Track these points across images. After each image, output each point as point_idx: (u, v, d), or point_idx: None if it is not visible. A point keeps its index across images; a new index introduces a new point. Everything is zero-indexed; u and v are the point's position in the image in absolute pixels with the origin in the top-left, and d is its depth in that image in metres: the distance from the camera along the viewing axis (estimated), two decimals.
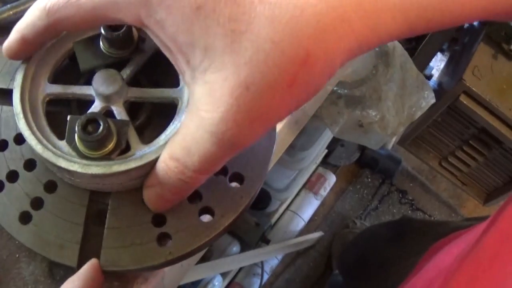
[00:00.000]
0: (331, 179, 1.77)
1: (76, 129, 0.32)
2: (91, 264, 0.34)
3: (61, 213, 0.35)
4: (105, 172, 0.33)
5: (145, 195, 0.34)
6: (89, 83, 0.36)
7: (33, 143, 0.34)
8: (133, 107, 0.37)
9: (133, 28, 0.37)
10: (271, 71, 0.26)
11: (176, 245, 0.34)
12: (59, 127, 0.36)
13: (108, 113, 0.36)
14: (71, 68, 0.40)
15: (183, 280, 0.70)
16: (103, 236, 0.34)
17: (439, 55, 1.59)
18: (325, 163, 1.77)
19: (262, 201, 1.45)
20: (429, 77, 1.57)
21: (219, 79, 0.27)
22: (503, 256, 0.39)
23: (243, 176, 0.36)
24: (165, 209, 0.34)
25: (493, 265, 0.39)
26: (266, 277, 1.56)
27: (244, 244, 1.40)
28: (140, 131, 0.37)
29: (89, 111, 0.35)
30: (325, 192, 1.75)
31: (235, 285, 1.51)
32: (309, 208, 1.70)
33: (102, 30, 0.36)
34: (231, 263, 1.35)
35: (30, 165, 0.36)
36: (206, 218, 0.35)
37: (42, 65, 0.38)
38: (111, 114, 0.36)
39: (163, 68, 0.39)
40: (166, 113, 0.38)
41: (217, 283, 1.38)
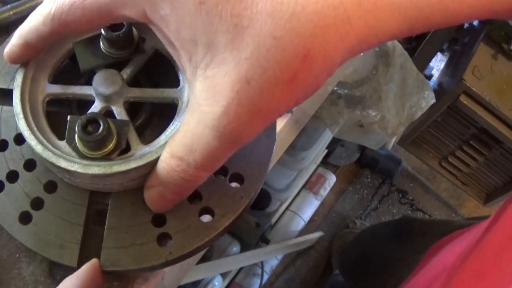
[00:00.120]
0: (331, 179, 1.77)
1: (76, 129, 0.32)
2: (91, 263, 0.34)
3: (61, 213, 0.35)
4: (105, 172, 0.33)
5: (147, 196, 0.34)
6: (89, 83, 0.36)
7: (33, 143, 0.34)
8: (133, 107, 0.37)
9: (133, 28, 0.37)
10: (272, 66, 0.26)
11: (176, 245, 0.34)
12: (59, 127, 0.36)
13: (108, 113, 0.36)
14: (71, 68, 0.39)
15: (183, 280, 0.70)
16: (103, 236, 0.34)
17: (439, 55, 1.59)
18: (325, 163, 1.77)
19: (262, 201, 1.45)
20: (429, 77, 1.57)
21: (220, 73, 0.27)
22: (508, 251, 0.39)
23: (243, 176, 0.36)
24: (166, 209, 0.34)
25: (498, 261, 0.39)
26: (266, 277, 1.56)
27: (244, 244, 1.40)
28: (140, 131, 0.37)
29: (89, 111, 0.35)
30: (325, 192, 1.75)
31: (235, 285, 1.51)
32: (309, 208, 1.70)
33: (102, 30, 0.36)
34: (231, 263, 1.35)
35: (30, 165, 0.36)
36: (206, 218, 0.35)
37: (42, 65, 0.38)
38: (111, 114, 0.36)
39: (163, 68, 0.39)
40: (166, 113, 0.38)
41: (217, 283, 1.38)
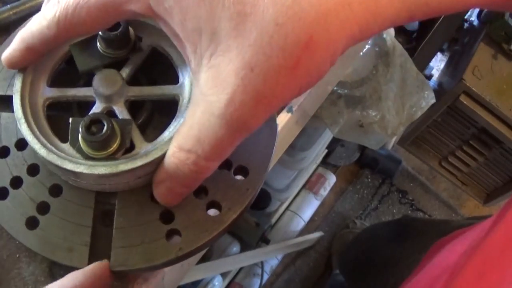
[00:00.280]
0: (331, 179, 1.77)
1: (80, 130, 0.32)
2: (100, 262, 0.34)
3: (68, 216, 0.35)
4: (111, 171, 0.33)
5: (156, 192, 0.34)
6: (88, 84, 0.36)
7: (36, 147, 0.34)
8: (134, 106, 0.37)
9: (130, 27, 0.37)
10: (275, 53, 0.26)
11: (185, 240, 0.34)
12: (60, 131, 0.36)
13: (110, 113, 0.36)
14: (69, 71, 0.39)
15: (183, 280, 0.70)
16: (112, 236, 0.34)
17: (439, 55, 1.59)
18: (325, 163, 1.77)
19: (262, 201, 1.44)
20: (429, 77, 1.57)
21: (224, 62, 0.28)
22: (511, 251, 0.39)
23: (247, 168, 0.36)
24: (177, 202, 0.34)
25: (501, 260, 0.39)
26: (266, 277, 1.56)
27: (244, 244, 1.40)
28: (142, 130, 0.37)
29: (91, 112, 0.35)
30: (325, 192, 1.75)
31: (235, 285, 1.51)
32: (309, 208, 1.70)
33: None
34: (231, 263, 1.35)
35: (33, 170, 0.36)
36: (213, 212, 0.35)
37: (40, 69, 0.37)
38: (113, 114, 0.36)
39: (161, 66, 0.39)
40: (166, 110, 0.38)
41: (217, 283, 1.38)
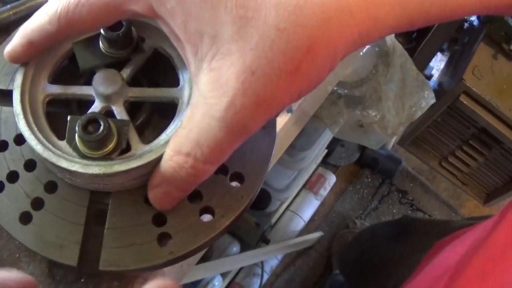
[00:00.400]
0: (331, 179, 1.77)
1: (76, 129, 0.32)
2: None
3: (62, 214, 0.35)
4: (105, 172, 0.33)
5: (152, 196, 0.34)
6: (89, 83, 0.36)
7: (33, 143, 0.34)
8: (133, 107, 0.37)
9: (132, 28, 0.37)
10: (276, 57, 0.27)
11: (177, 244, 0.34)
12: (59, 128, 0.36)
13: (108, 113, 0.36)
14: (71, 68, 0.39)
15: (183, 280, 0.70)
16: (104, 236, 0.34)
17: (439, 55, 1.59)
18: (325, 163, 1.77)
19: (262, 201, 1.44)
20: (429, 77, 1.57)
21: (225, 65, 0.28)
22: None
23: (243, 175, 0.36)
24: (171, 206, 0.34)
25: (503, 260, 0.39)
26: (266, 277, 1.56)
27: (244, 244, 1.40)
28: (140, 131, 0.37)
29: (89, 111, 0.35)
30: (325, 192, 1.75)
31: (235, 285, 1.51)
32: (309, 208, 1.70)
33: (101, 30, 0.36)
34: (231, 263, 1.35)
35: (30, 165, 0.36)
36: (206, 217, 0.35)
37: (41, 65, 0.38)
38: (111, 114, 0.36)
39: (163, 67, 0.39)
40: (166, 113, 0.38)
41: (217, 283, 1.38)
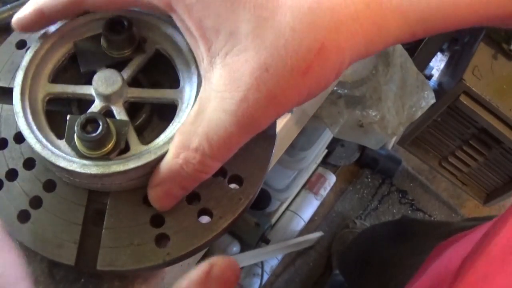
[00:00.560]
0: (331, 179, 1.77)
1: (75, 128, 0.32)
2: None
3: (60, 213, 0.35)
4: (103, 172, 0.32)
5: (152, 195, 0.33)
6: (89, 82, 0.36)
7: (32, 142, 0.34)
8: (133, 107, 0.37)
9: (134, 28, 0.37)
10: (289, 56, 0.28)
11: (174, 246, 0.34)
12: (59, 127, 0.36)
13: (107, 113, 0.36)
14: (72, 67, 0.39)
15: None
16: (101, 236, 0.34)
17: (439, 55, 1.59)
18: (325, 163, 1.77)
19: (262, 201, 1.44)
20: (429, 77, 1.57)
21: (240, 61, 0.29)
22: None
23: (242, 177, 0.36)
24: (171, 206, 0.34)
25: (506, 264, 0.38)
26: (266, 277, 1.56)
27: (244, 244, 1.40)
28: (139, 132, 0.37)
29: (89, 110, 0.35)
30: (325, 192, 1.75)
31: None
32: (309, 208, 1.70)
33: (103, 30, 0.36)
34: None
35: (29, 164, 0.36)
36: (204, 219, 0.35)
37: (42, 64, 0.38)
38: (110, 114, 0.36)
39: (164, 68, 0.39)
40: (165, 114, 0.38)
41: None
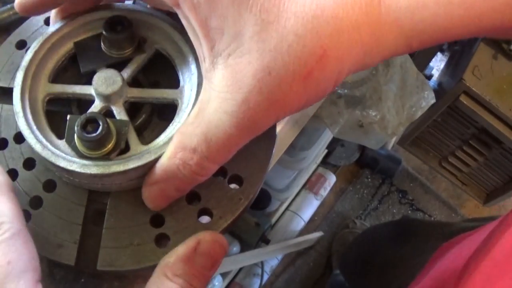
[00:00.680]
0: (331, 179, 1.77)
1: (75, 128, 0.32)
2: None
3: (60, 213, 0.35)
4: (103, 172, 0.33)
5: (146, 194, 0.34)
6: (89, 83, 0.36)
7: (32, 142, 0.34)
8: (133, 107, 0.37)
9: (134, 28, 0.37)
10: (292, 60, 0.28)
11: (174, 246, 0.33)
12: (59, 127, 0.36)
13: (108, 113, 0.36)
14: (72, 67, 0.40)
15: None
16: (101, 236, 0.34)
17: (439, 55, 1.59)
18: (325, 163, 1.77)
19: (262, 201, 1.44)
20: (429, 77, 1.57)
21: (243, 63, 0.29)
22: None
23: (242, 178, 0.36)
24: (165, 206, 0.34)
25: (511, 265, 0.38)
26: (266, 277, 1.56)
27: (244, 244, 1.40)
28: (139, 132, 0.37)
29: (89, 111, 0.35)
30: (325, 192, 1.75)
31: (235, 285, 1.51)
32: (309, 208, 1.70)
33: (103, 30, 0.36)
34: (231, 263, 1.35)
35: (29, 164, 0.36)
36: (204, 219, 0.35)
37: (42, 64, 0.38)
38: (111, 114, 0.36)
39: (163, 68, 0.39)
40: (165, 114, 0.38)
41: (217, 283, 1.38)
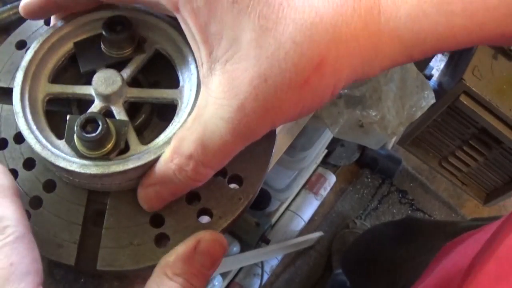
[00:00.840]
0: (331, 179, 1.77)
1: (75, 128, 0.32)
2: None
3: (60, 213, 0.35)
4: (103, 172, 0.33)
5: (142, 195, 0.34)
6: (89, 83, 0.36)
7: (32, 142, 0.34)
8: (133, 107, 0.37)
9: (134, 28, 0.37)
10: (289, 68, 0.28)
11: (174, 245, 0.33)
12: (58, 127, 0.36)
13: (107, 113, 0.36)
14: (72, 67, 0.40)
15: None
16: (101, 236, 0.34)
17: (439, 55, 1.59)
18: (325, 163, 1.77)
19: (262, 201, 1.45)
20: (429, 77, 1.57)
21: (239, 69, 0.29)
22: None
23: (242, 177, 0.36)
24: (160, 207, 0.34)
25: None
26: (266, 277, 1.56)
27: (244, 244, 1.40)
28: (139, 132, 0.37)
29: (89, 111, 0.35)
30: (325, 192, 1.75)
31: (235, 285, 1.51)
32: (309, 208, 1.70)
33: (103, 30, 0.36)
34: (231, 263, 1.35)
35: (29, 164, 0.36)
36: (204, 219, 0.35)
37: (42, 64, 0.38)
38: (110, 114, 0.36)
39: (163, 68, 0.39)
40: (165, 114, 0.38)
41: (217, 283, 1.38)
